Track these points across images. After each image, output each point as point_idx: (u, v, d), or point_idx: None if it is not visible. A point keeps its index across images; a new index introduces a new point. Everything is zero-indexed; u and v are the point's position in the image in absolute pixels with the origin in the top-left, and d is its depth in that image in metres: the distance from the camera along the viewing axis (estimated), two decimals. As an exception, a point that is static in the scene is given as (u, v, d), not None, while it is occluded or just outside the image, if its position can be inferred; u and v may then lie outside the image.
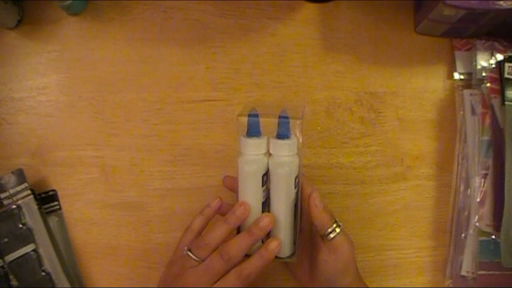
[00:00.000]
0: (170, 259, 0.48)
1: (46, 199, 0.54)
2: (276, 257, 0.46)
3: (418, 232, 0.57)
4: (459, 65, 0.59)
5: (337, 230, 0.46)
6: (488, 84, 0.56)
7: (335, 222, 0.46)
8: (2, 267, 0.50)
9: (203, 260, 0.44)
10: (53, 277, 0.51)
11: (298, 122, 0.45)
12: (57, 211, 0.54)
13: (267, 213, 0.45)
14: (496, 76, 0.56)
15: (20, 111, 0.56)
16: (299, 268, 0.51)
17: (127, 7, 0.58)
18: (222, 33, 0.58)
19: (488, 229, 0.54)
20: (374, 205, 0.57)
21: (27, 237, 0.51)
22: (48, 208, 0.54)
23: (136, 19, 0.58)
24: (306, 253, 0.50)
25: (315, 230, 0.48)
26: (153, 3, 0.58)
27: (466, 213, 0.55)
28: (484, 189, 0.54)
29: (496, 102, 0.56)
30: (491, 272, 0.53)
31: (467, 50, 0.59)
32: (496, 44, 0.57)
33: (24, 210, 0.51)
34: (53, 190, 0.54)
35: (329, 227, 0.45)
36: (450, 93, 0.59)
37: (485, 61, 0.57)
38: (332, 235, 0.45)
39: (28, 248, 0.51)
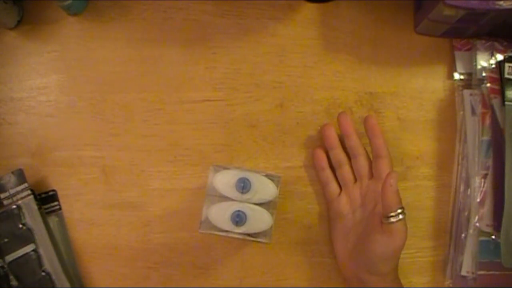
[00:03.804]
0: None
1: (46, 199, 0.54)
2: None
3: (418, 232, 0.57)
4: (459, 65, 0.59)
5: (400, 216, 0.46)
6: (488, 84, 0.56)
7: (401, 208, 0.46)
8: (2, 267, 0.50)
9: None
10: (53, 277, 0.51)
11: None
12: (57, 211, 0.54)
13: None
14: (496, 76, 0.56)
15: (20, 111, 0.56)
16: (344, 238, 0.52)
17: (127, 7, 0.58)
18: (222, 33, 0.58)
19: (488, 229, 0.54)
20: (374, 205, 0.57)
21: (27, 237, 0.51)
22: (48, 208, 0.54)
23: (136, 19, 0.58)
24: (360, 225, 0.51)
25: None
26: (153, 3, 0.58)
27: (466, 213, 0.55)
28: (484, 189, 0.54)
29: (496, 102, 0.56)
30: (491, 272, 0.53)
31: (467, 50, 0.59)
32: (496, 44, 0.57)
33: (24, 210, 0.51)
34: (53, 190, 0.54)
35: (393, 211, 0.46)
36: (450, 93, 0.59)
37: (485, 61, 0.57)
38: (393, 219, 0.46)
39: (28, 248, 0.51)
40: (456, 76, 0.59)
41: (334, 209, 0.53)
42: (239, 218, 0.48)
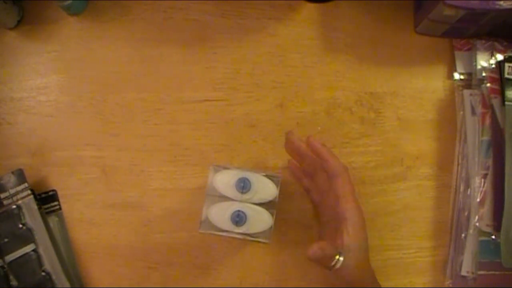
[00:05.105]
0: None
1: (46, 199, 0.54)
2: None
3: (418, 232, 0.57)
4: (459, 65, 0.59)
5: (341, 258, 0.45)
6: (488, 84, 0.56)
7: (338, 254, 0.45)
8: (2, 267, 0.50)
9: None
10: (53, 277, 0.51)
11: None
12: (57, 211, 0.54)
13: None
14: (496, 76, 0.56)
15: (20, 111, 0.56)
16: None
17: (127, 7, 0.58)
18: (222, 33, 0.58)
19: (488, 229, 0.54)
20: (374, 205, 0.57)
21: (27, 237, 0.51)
22: (48, 208, 0.54)
23: (136, 19, 0.58)
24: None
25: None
26: (153, 3, 0.58)
27: (466, 213, 0.55)
28: (484, 189, 0.54)
29: (496, 102, 0.56)
30: (491, 272, 0.53)
31: (467, 50, 0.59)
32: (496, 44, 0.58)
33: (24, 210, 0.51)
34: (53, 190, 0.54)
35: (334, 259, 0.45)
36: (450, 93, 0.59)
37: (485, 61, 0.57)
38: (338, 264, 0.45)
39: (28, 248, 0.51)
40: (456, 76, 0.59)
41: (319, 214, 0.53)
42: (239, 218, 0.48)
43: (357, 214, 0.46)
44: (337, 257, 0.45)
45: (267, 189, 0.49)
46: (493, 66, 0.56)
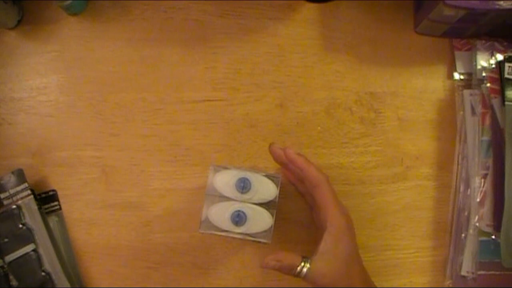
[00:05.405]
0: None
1: (46, 199, 0.54)
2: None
3: (418, 232, 0.57)
4: (459, 65, 0.59)
5: (307, 265, 0.44)
6: (488, 84, 0.56)
7: (303, 261, 0.45)
8: (2, 267, 0.50)
9: None
10: (53, 277, 0.51)
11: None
12: (57, 211, 0.54)
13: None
14: (496, 76, 0.56)
15: (20, 111, 0.56)
16: None
17: (127, 7, 0.58)
18: (222, 33, 0.58)
19: (488, 229, 0.54)
20: (374, 205, 0.57)
21: (27, 237, 0.51)
22: (48, 208, 0.54)
23: (136, 19, 0.58)
24: None
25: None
26: (153, 3, 0.58)
27: (466, 213, 0.55)
28: (484, 189, 0.54)
29: (496, 102, 0.56)
30: (491, 272, 0.53)
31: (467, 50, 0.59)
32: (496, 44, 0.57)
33: (24, 210, 0.51)
34: (53, 190, 0.54)
35: (298, 266, 0.45)
36: (450, 93, 0.59)
37: (485, 61, 0.57)
38: (304, 271, 0.45)
39: (28, 248, 0.51)
40: (456, 76, 0.59)
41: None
42: (239, 218, 0.48)
43: (338, 222, 0.46)
44: (302, 264, 0.45)
45: (267, 189, 0.49)
46: (493, 66, 0.56)
